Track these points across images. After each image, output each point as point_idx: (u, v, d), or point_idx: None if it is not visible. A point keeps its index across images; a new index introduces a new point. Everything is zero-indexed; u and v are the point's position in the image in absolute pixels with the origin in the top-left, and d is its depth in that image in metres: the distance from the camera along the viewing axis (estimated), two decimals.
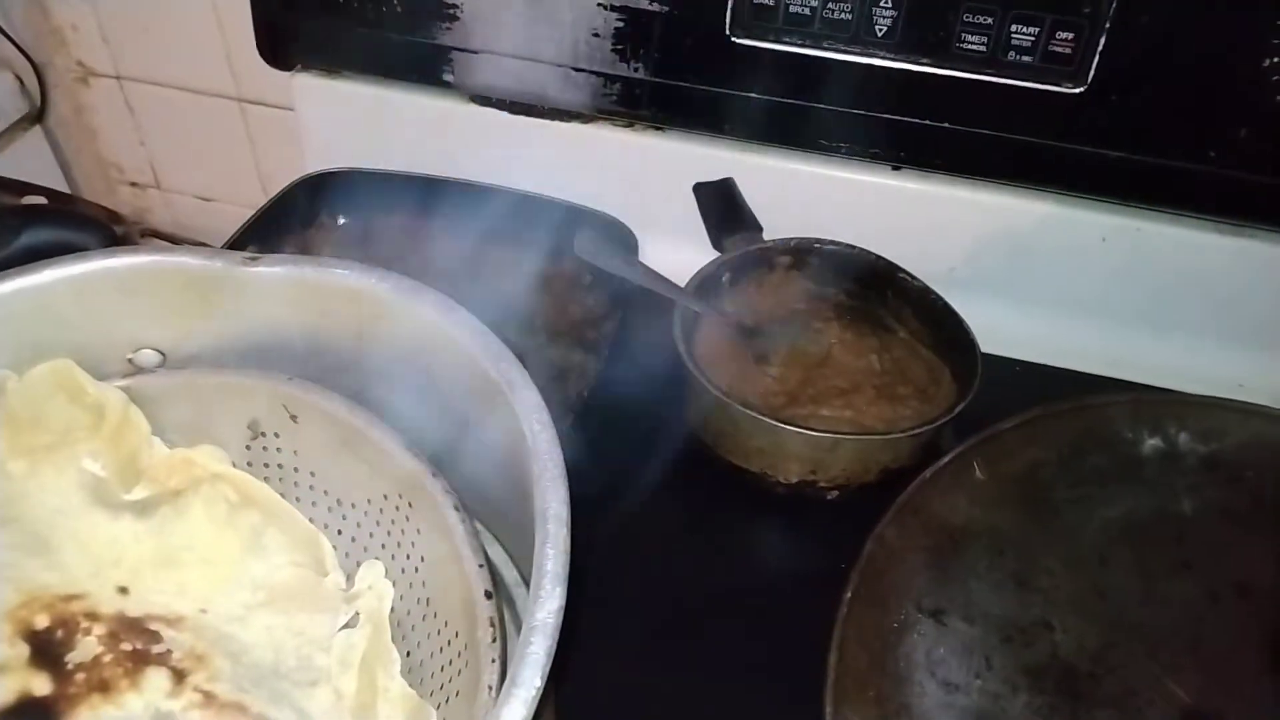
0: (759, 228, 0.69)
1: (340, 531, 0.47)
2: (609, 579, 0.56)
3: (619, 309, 0.68)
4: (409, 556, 0.44)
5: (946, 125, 0.65)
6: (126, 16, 0.88)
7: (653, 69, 0.68)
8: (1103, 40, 0.59)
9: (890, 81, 0.64)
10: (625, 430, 0.66)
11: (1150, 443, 0.61)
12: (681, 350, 0.59)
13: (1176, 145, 0.62)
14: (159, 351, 0.46)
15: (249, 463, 0.47)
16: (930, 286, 0.64)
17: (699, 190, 0.70)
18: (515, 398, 0.38)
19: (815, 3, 0.62)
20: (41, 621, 0.39)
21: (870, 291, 0.68)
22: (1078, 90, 0.61)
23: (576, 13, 0.67)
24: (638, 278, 0.63)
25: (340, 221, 0.76)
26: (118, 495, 0.45)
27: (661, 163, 0.74)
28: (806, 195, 0.72)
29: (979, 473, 0.58)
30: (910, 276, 0.65)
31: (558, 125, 0.75)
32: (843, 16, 0.62)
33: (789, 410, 0.62)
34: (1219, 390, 0.62)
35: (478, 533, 0.40)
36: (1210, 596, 0.56)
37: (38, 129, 0.97)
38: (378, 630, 0.43)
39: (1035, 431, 0.60)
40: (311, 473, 0.47)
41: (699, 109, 0.70)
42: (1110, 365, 0.69)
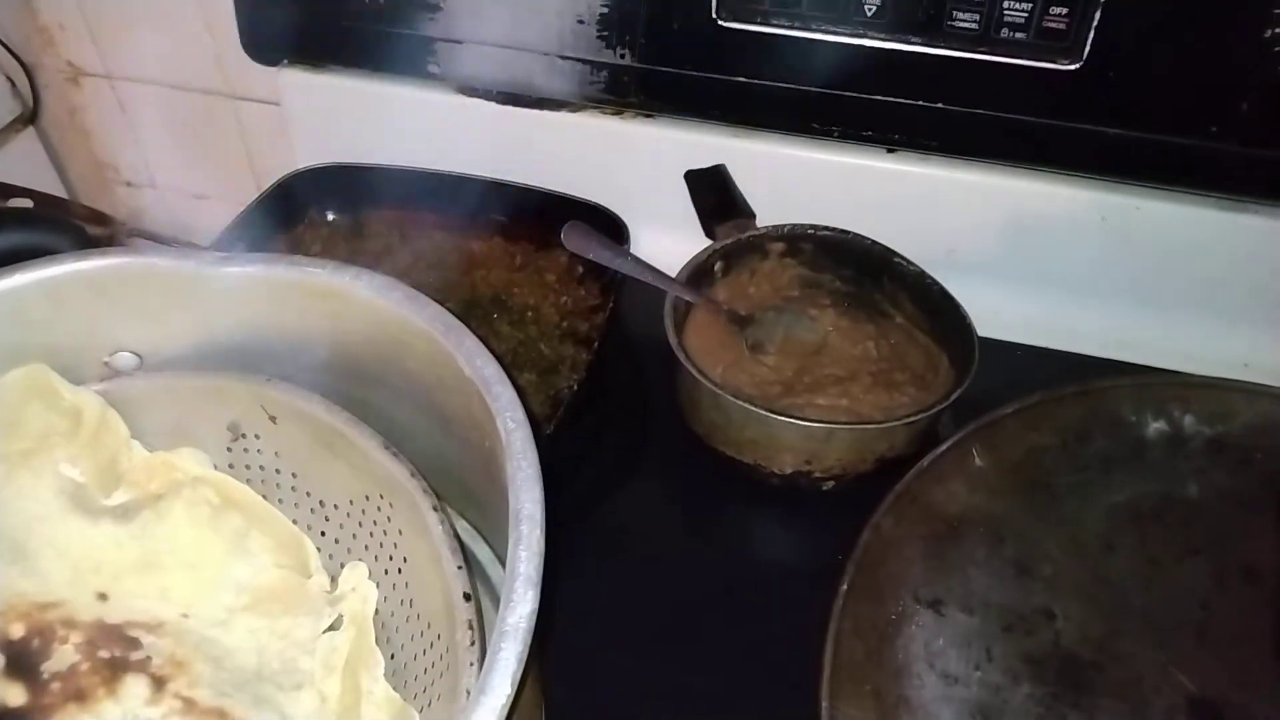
0: (752, 214, 0.68)
1: (323, 533, 0.46)
2: (602, 573, 0.55)
3: (610, 300, 0.67)
4: (391, 558, 0.44)
5: (940, 105, 0.64)
6: (113, 14, 0.88)
7: (639, 55, 0.67)
8: (1097, 15, 0.57)
9: (881, 62, 0.62)
10: (617, 423, 0.66)
11: (1154, 426, 0.60)
12: (672, 341, 0.58)
13: (1176, 120, 0.60)
14: (136, 354, 0.46)
15: (230, 465, 0.47)
16: (926, 271, 0.63)
17: (690, 177, 0.69)
18: (490, 395, 0.37)
19: None
20: (17, 631, 0.39)
21: (866, 277, 0.67)
22: (1073, 66, 0.60)
23: (561, 0, 0.66)
24: (627, 268, 0.62)
25: (330, 217, 0.75)
26: (97, 500, 0.44)
27: (651, 150, 0.73)
28: (800, 180, 0.71)
29: (978, 460, 0.58)
30: (906, 261, 0.64)
31: (546, 115, 0.74)
32: None
33: (785, 400, 0.61)
34: (1224, 370, 0.61)
35: (457, 534, 0.40)
36: (1217, 582, 0.54)
37: (31, 130, 0.96)
38: (362, 632, 0.43)
39: (1036, 416, 0.59)
40: (293, 474, 0.46)
41: (688, 95, 0.69)
42: (1112, 347, 0.68)
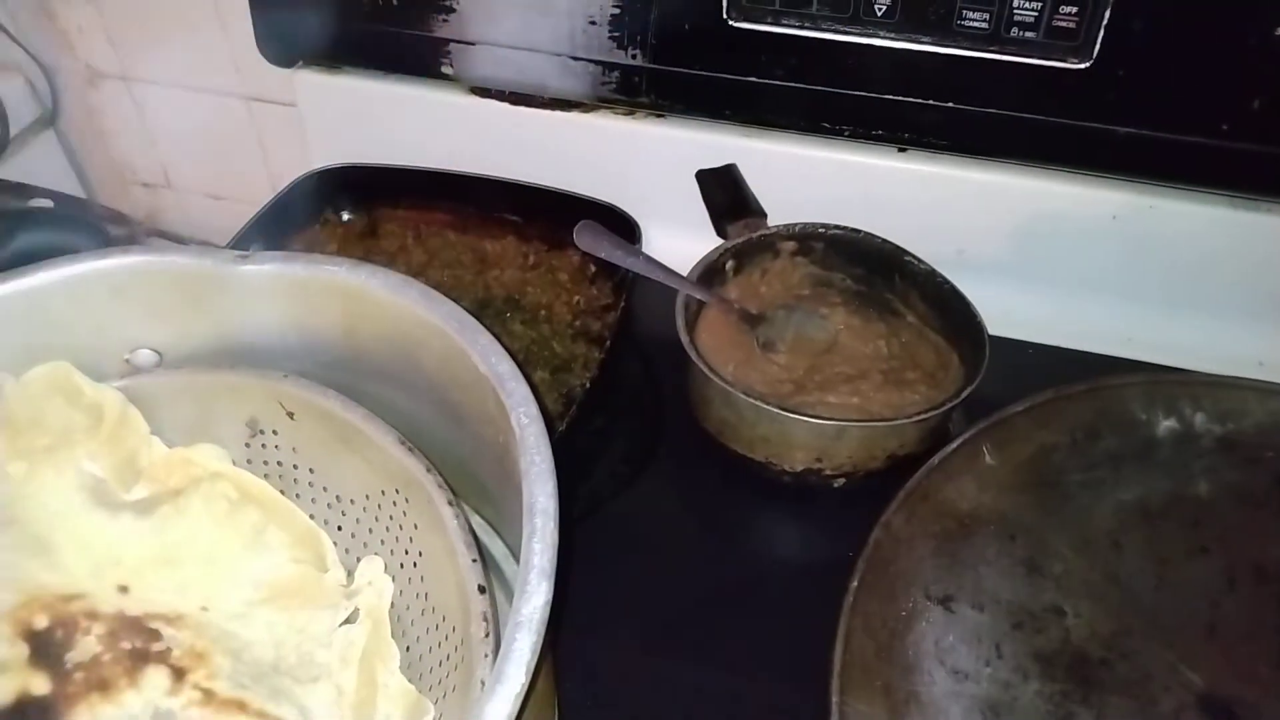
0: (763, 214, 0.68)
1: (340, 527, 0.47)
2: (614, 569, 0.56)
3: (623, 299, 0.67)
4: (407, 552, 0.44)
5: (951, 105, 0.64)
6: (131, 17, 0.89)
7: (651, 55, 0.67)
8: (1107, 13, 0.58)
9: (891, 62, 0.63)
10: (629, 421, 0.66)
11: (1165, 424, 0.60)
12: (684, 339, 0.59)
13: (1187, 119, 0.61)
14: (156, 351, 0.46)
15: (248, 460, 0.47)
16: (937, 269, 0.64)
17: (702, 177, 0.70)
18: (504, 391, 0.38)
19: None
20: (41, 622, 0.39)
21: (877, 276, 0.67)
22: (1083, 65, 0.60)
23: (572, 1, 0.66)
24: (639, 267, 0.62)
25: (345, 217, 0.76)
26: (117, 495, 0.45)
27: (663, 150, 0.73)
28: (810, 180, 0.71)
29: (989, 457, 0.58)
30: (917, 260, 0.64)
31: (558, 115, 0.74)
32: None
33: (796, 398, 0.61)
34: (1237, 369, 0.61)
35: (472, 528, 0.40)
36: (1227, 581, 0.54)
37: (50, 132, 0.97)
38: (378, 626, 0.43)
39: (1046, 414, 0.59)
40: (310, 469, 0.47)
41: (699, 94, 0.69)
42: (1123, 345, 0.68)
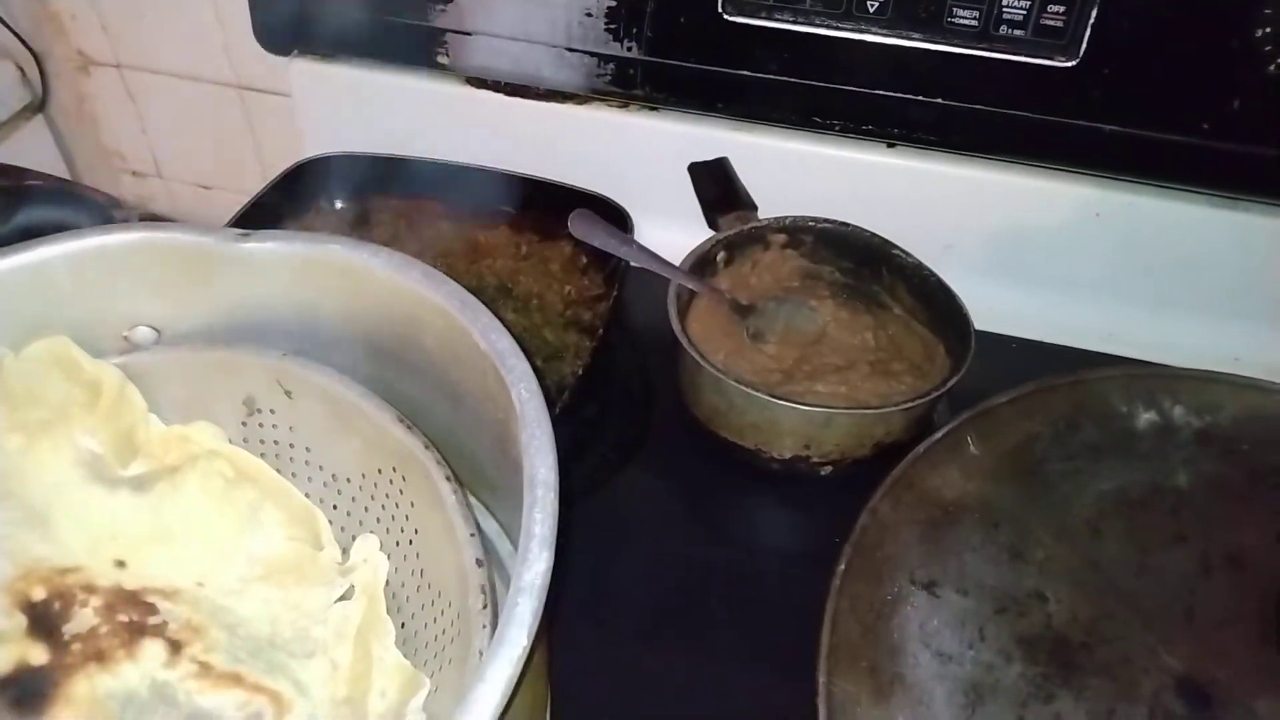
0: (754, 206, 0.69)
1: (335, 506, 0.47)
2: (604, 555, 0.57)
3: (614, 289, 0.68)
4: (403, 530, 0.45)
5: (940, 101, 0.65)
6: (124, 4, 0.89)
7: (646, 48, 0.68)
8: (1094, 13, 0.59)
9: (883, 57, 0.64)
10: (620, 409, 0.67)
11: (1145, 417, 0.61)
12: (675, 326, 0.60)
13: (1169, 118, 0.62)
14: (154, 329, 0.47)
15: (245, 439, 0.48)
16: (924, 263, 0.65)
17: (694, 170, 0.71)
18: (505, 367, 0.38)
19: None
20: (39, 593, 0.40)
21: (865, 269, 0.68)
22: (1070, 64, 0.61)
23: None
24: (633, 256, 0.63)
25: (337, 205, 0.76)
26: (114, 471, 0.45)
27: (656, 143, 0.74)
28: (801, 174, 0.72)
29: (973, 447, 0.59)
30: (904, 253, 0.65)
31: (552, 106, 0.75)
32: None
33: (785, 387, 0.62)
34: (1215, 364, 0.61)
35: (470, 503, 0.41)
36: (1204, 568, 0.55)
37: (40, 118, 0.97)
38: (373, 602, 0.44)
39: (1029, 406, 0.60)
40: (307, 448, 0.47)
41: (692, 88, 0.70)
42: (1105, 341, 0.69)
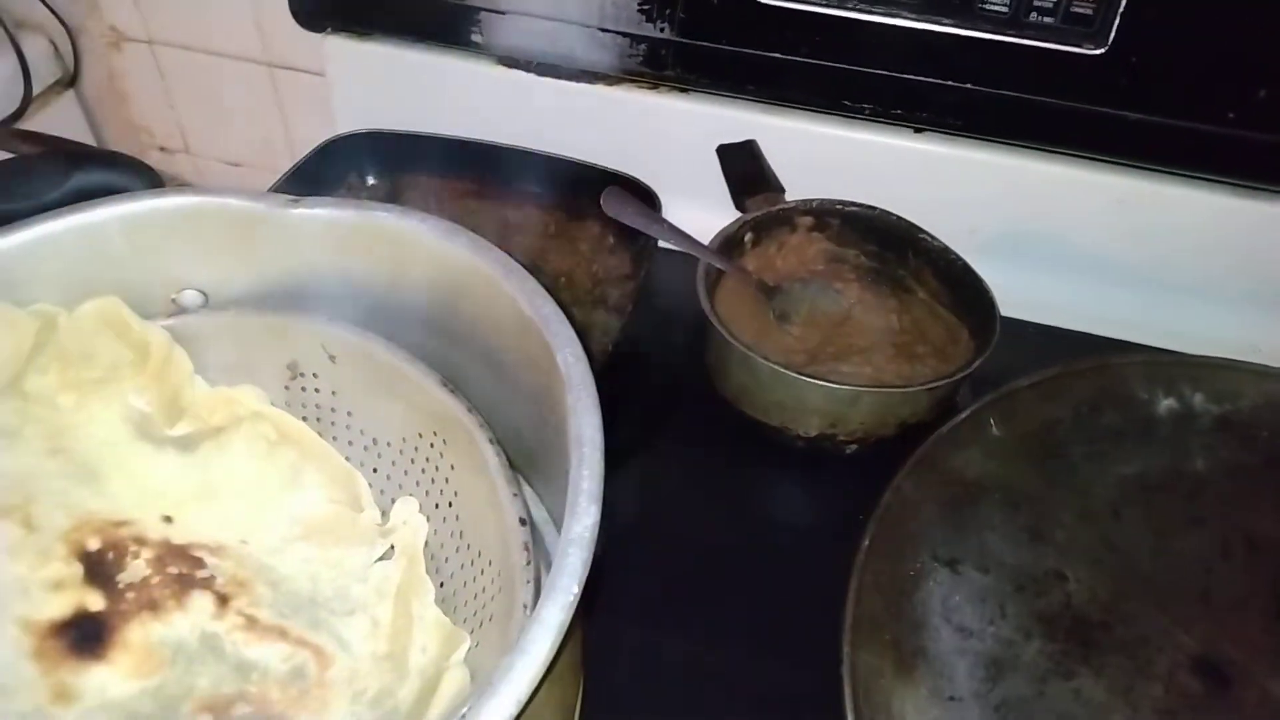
0: (781, 189, 0.70)
1: (375, 470, 0.48)
2: (630, 531, 0.57)
3: (641, 270, 0.69)
4: (442, 492, 0.46)
5: (968, 86, 0.66)
6: None
7: (679, 29, 0.69)
8: (1123, 2, 0.59)
9: (913, 42, 0.64)
10: (647, 387, 0.68)
11: (1165, 403, 0.62)
12: (705, 305, 0.60)
13: (1195, 107, 0.62)
14: (202, 292, 0.48)
15: (288, 402, 0.49)
16: (950, 247, 0.65)
17: (722, 152, 0.71)
18: (550, 333, 0.39)
19: None
20: (93, 543, 0.41)
21: (890, 252, 0.69)
22: (1098, 51, 0.62)
23: None
24: (663, 235, 0.64)
25: (369, 181, 0.77)
26: (161, 430, 0.46)
27: (684, 124, 0.75)
28: (829, 157, 0.73)
29: (995, 429, 0.59)
30: (930, 237, 0.66)
31: (583, 87, 0.76)
32: None
33: (809, 368, 0.63)
34: (1234, 353, 0.62)
35: (512, 464, 0.42)
36: (1221, 551, 0.56)
37: (70, 93, 0.98)
38: (412, 562, 0.45)
39: (1051, 389, 0.61)
40: (348, 412, 0.48)
41: (723, 70, 0.71)
42: (1126, 328, 0.70)
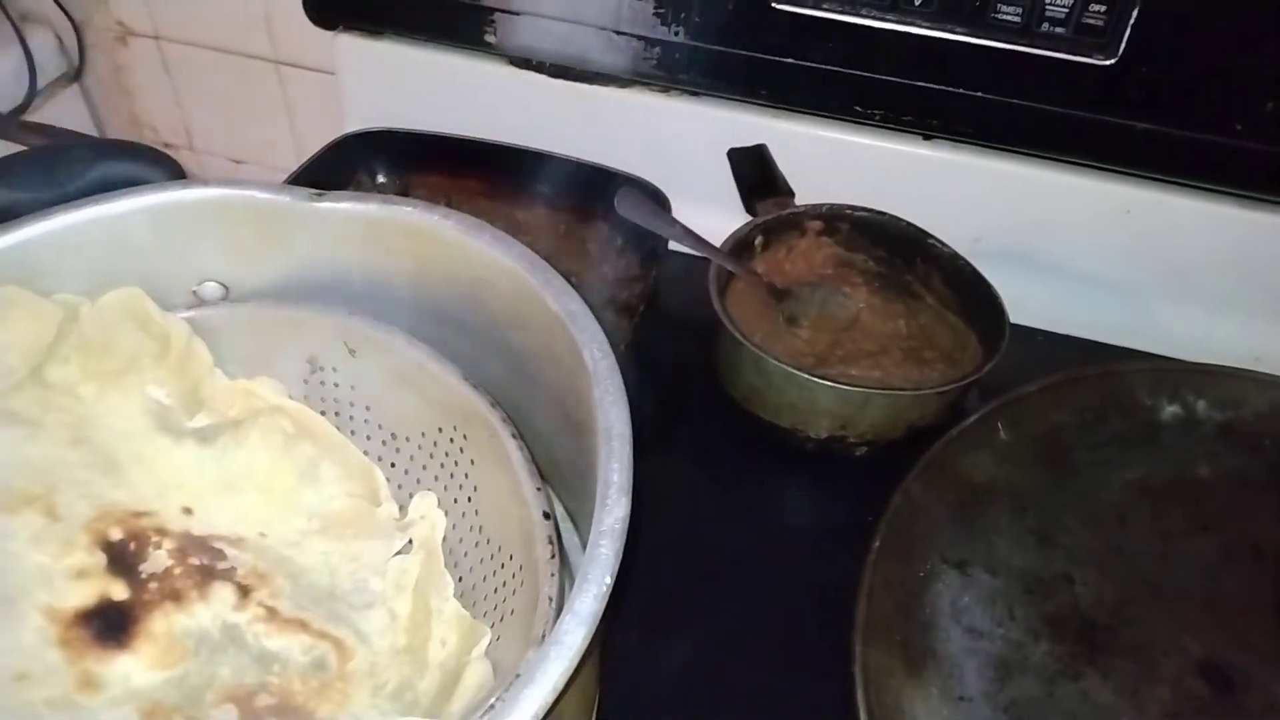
0: (791, 193, 0.71)
1: (394, 464, 0.49)
2: (644, 530, 0.57)
3: (651, 271, 0.69)
4: (461, 487, 0.46)
5: (979, 94, 0.66)
6: None
7: (692, 33, 0.69)
8: (1134, 13, 0.60)
9: (926, 50, 0.65)
10: (657, 388, 0.68)
11: (1169, 410, 0.63)
12: (716, 305, 0.61)
13: (1203, 118, 0.63)
14: (222, 285, 0.48)
15: (307, 395, 0.49)
16: (959, 253, 0.66)
17: (733, 155, 0.72)
18: (576, 327, 0.39)
19: None
20: (116, 534, 0.41)
21: (899, 258, 0.69)
22: (1109, 62, 0.62)
23: None
24: (676, 236, 0.64)
25: (379, 179, 0.77)
26: (181, 422, 0.46)
27: (696, 128, 0.75)
28: (838, 162, 0.73)
29: (1003, 433, 0.60)
30: (940, 243, 0.67)
31: (595, 89, 0.76)
32: None
33: (819, 370, 0.63)
34: (1237, 362, 0.63)
35: (534, 459, 0.42)
36: (1225, 557, 0.57)
37: (75, 88, 0.98)
38: (430, 556, 0.45)
39: (1058, 395, 0.62)
40: (367, 406, 0.48)
41: (736, 74, 0.71)
42: (1131, 336, 0.71)
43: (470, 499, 0.46)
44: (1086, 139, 0.67)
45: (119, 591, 0.39)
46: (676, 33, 0.69)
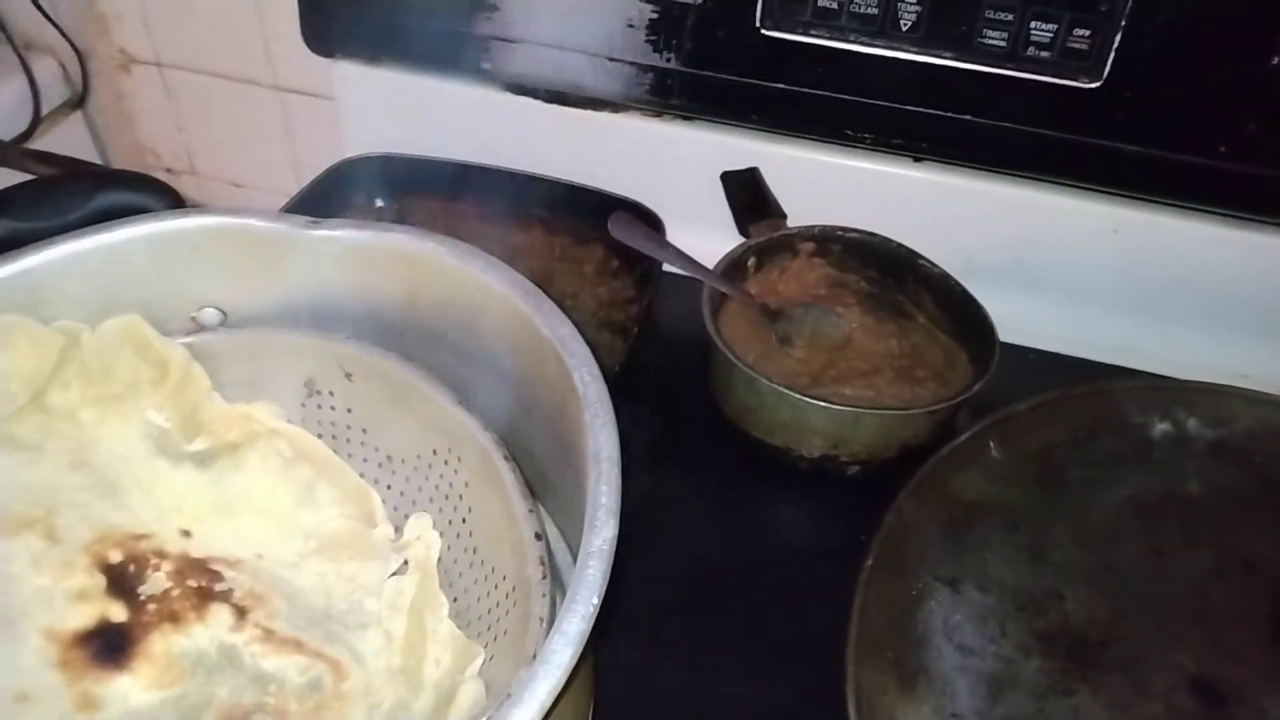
0: (783, 215, 0.72)
1: (389, 486, 0.49)
2: (635, 550, 0.58)
3: (646, 293, 0.70)
4: (456, 509, 0.47)
5: (967, 118, 0.67)
6: (168, 5, 0.91)
7: (684, 59, 0.70)
8: (1118, 37, 0.61)
9: (913, 74, 0.66)
10: (652, 409, 0.69)
11: (1160, 427, 0.63)
12: (709, 327, 0.62)
13: (1188, 140, 0.64)
14: (220, 310, 0.49)
15: (304, 419, 0.49)
16: (949, 273, 0.67)
17: (726, 178, 0.73)
18: (568, 352, 0.40)
19: None
20: (115, 556, 0.42)
21: (890, 278, 0.70)
22: (1094, 85, 0.63)
23: (613, 4, 0.69)
24: (669, 259, 0.65)
25: (377, 204, 0.78)
26: (180, 446, 0.47)
27: (689, 151, 0.76)
28: (830, 185, 0.74)
29: (994, 451, 0.61)
30: (930, 263, 0.68)
31: (589, 114, 0.77)
32: (869, 10, 0.64)
33: (812, 390, 0.64)
34: (1226, 380, 0.64)
35: (527, 482, 0.43)
36: (1216, 573, 0.57)
37: (78, 115, 0.99)
38: (426, 578, 0.45)
39: (1049, 413, 0.62)
40: (364, 429, 0.49)
41: (727, 99, 0.72)
42: (1121, 354, 0.71)
43: (465, 520, 0.46)
44: (1074, 161, 0.67)
45: (118, 613, 0.40)
46: (668, 59, 0.71)
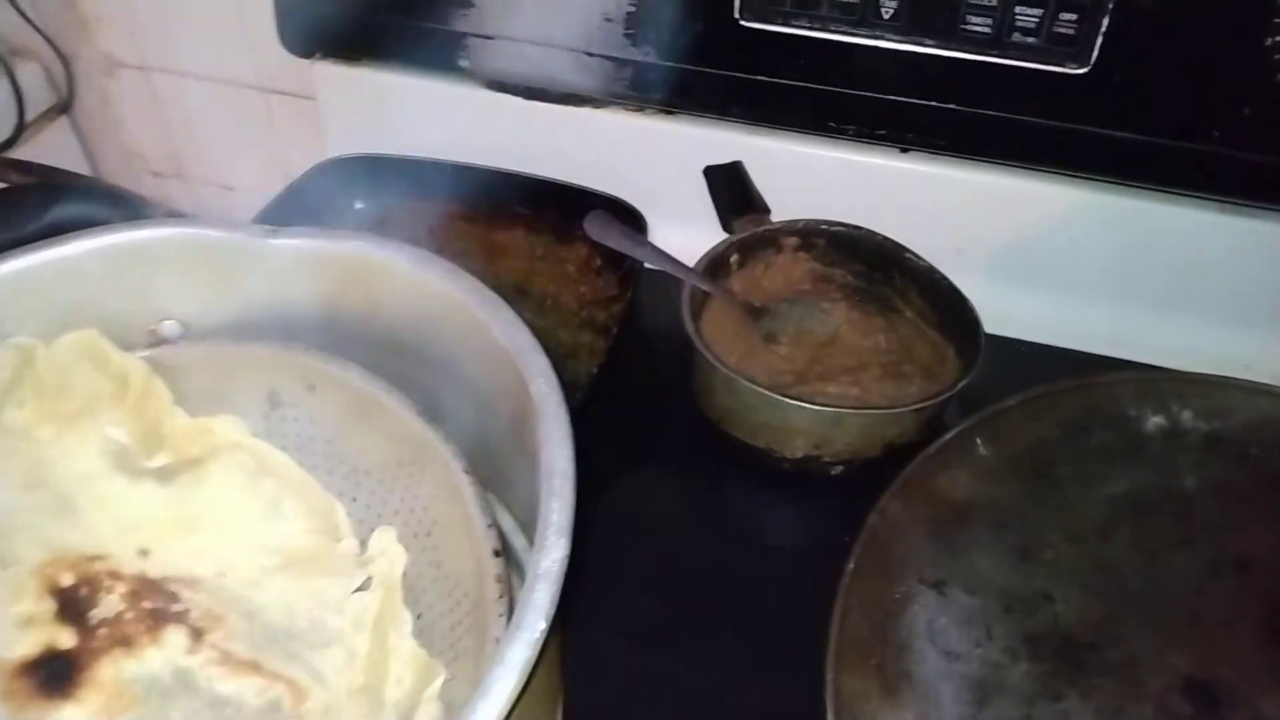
0: (767, 210, 0.70)
1: (355, 499, 0.48)
2: (618, 551, 0.57)
3: (628, 291, 0.69)
4: (420, 521, 0.46)
5: (953, 106, 0.66)
6: (152, 7, 0.90)
7: (663, 53, 0.69)
8: (1105, 21, 0.59)
9: (897, 63, 0.64)
10: (633, 409, 0.68)
11: (1154, 420, 0.62)
12: (689, 328, 0.61)
13: (1179, 125, 0.62)
14: (181, 323, 0.48)
15: (268, 432, 0.48)
16: (936, 267, 0.65)
17: (709, 173, 0.72)
18: (524, 362, 0.39)
19: None
20: (67, 579, 0.41)
21: (877, 272, 0.69)
22: (1081, 71, 0.62)
23: None
24: (647, 257, 0.64)
25: (357, 205, 0.77)
26: (139, 462, 0.46)
27: (671, 146, 0.75)
28: (814, 178, 0.73)
29: (982, 449, 0.59)
30: (916, 257, 0.66)
31: (570, 110, 0.76)
32: None
33: (797, 388, 0.63)
34: (1224, 371, 0.62)
35: (487, 496, 0.42)
36: (1211, 571, 0.56)
37: (64, 119, 0.99)
38: (390, 593, 0.45)
39: (1039, 409, 0.61)
40: (327, 441, 0.48)
41: (708, 93, 0.71)
42: (1115, 346, 0.70)
43: (430, 533, 0.45)
44: (1063, 148, 0.66)
45: (66, 640, 0.39)
46: (647, 53, 0.69)
